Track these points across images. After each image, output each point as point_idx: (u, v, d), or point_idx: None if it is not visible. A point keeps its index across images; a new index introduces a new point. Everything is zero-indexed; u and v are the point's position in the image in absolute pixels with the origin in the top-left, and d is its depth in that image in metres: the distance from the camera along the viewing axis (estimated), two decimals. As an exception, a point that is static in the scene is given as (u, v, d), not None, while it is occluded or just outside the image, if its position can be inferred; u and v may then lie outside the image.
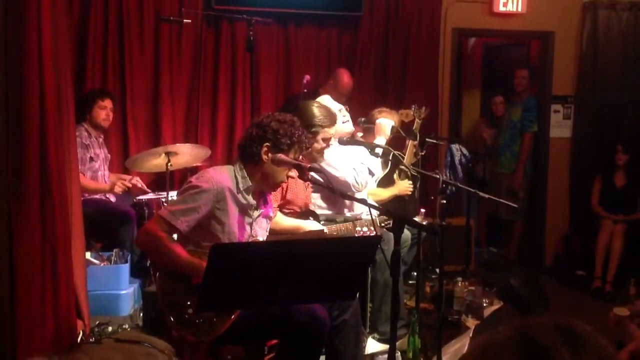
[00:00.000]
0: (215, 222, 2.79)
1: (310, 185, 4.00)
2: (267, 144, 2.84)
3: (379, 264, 4.04)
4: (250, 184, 2.88)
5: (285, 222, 3.43)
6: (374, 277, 4.12)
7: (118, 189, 4.73)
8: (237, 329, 2.71)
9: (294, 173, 2.97)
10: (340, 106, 4.19)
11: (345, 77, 5.49)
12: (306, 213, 3.67)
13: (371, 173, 4.15)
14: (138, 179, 5.04)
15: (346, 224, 3.72)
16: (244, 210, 2.89)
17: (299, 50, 5.91)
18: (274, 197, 3.35)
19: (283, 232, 3.36)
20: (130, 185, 4.84)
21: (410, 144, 4.66)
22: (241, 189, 2.86)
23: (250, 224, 2.93)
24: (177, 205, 2.76)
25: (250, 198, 2.90)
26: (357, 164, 4.08)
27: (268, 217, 3.10)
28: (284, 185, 3.38)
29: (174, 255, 2.69)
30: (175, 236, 2.80)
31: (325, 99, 4.20)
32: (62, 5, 3.34)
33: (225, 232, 2.81)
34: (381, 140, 4.34)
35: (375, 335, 4.20)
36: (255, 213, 2.96)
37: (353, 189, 3.99)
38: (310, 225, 3.44)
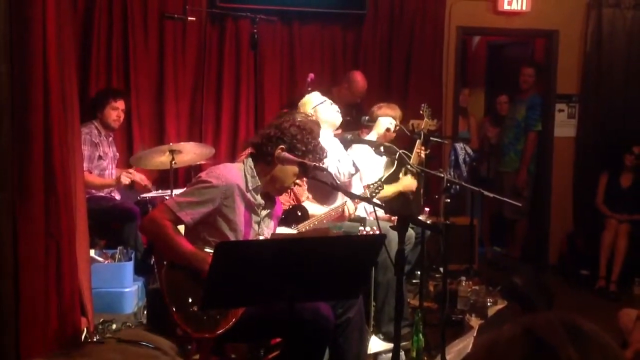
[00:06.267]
0: (221, 218, 2.80)
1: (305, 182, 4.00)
2: (282, 146, 2.85)
3: (381, 265, 4.03)
4: (259, 183, 2.89)
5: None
6: (376, 279, 4.11)
7: (124, 180, 4.71)
8: (241, 327, 2.71)
9: (300, 182, 2.99)
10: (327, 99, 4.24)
11: (360, 80, 5.52)
12: (295, 208, 3.67)
13: (355, 166, 4.11)
14: (143, 177, 5.05)
15: (318, 216, 3.70)
16: (252, 209, 2.90)
17: (303, 48, 5.91)
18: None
19: None
20: (135, 179, 4.85)
21: (418, 143, 4.65)
22: (250, 187, 2.87)
23: (258, 223, 2.94)
24: (184, 197, 2.79)
25: (258, 197, 2.91)
26: (342, 155, 4.06)
27: (276, 217, 3.11)
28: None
29: (177, 244, 2.70)
30: (183, 231, 2.81)
31: (314, 97, 4.23)
32: (67, 2, 3.35)
33: (231, 229, 2.82)
34: (372, 135, 4.35)
35: (380, 335, 4.20)
36: (263, 212, 2.96)
37: (335, 179, 3.97)
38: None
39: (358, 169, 4.13)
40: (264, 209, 2.98)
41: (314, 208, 3.84)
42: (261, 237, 2.96)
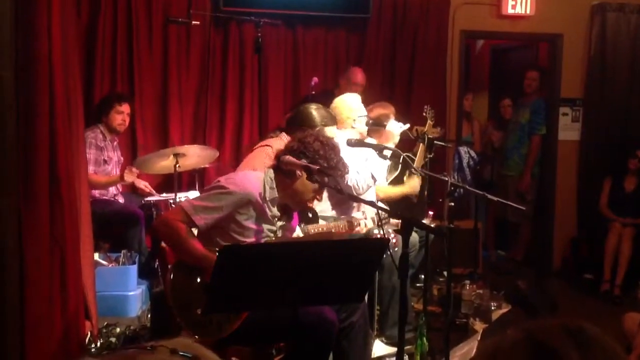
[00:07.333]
0: (235, 225, 2.81)
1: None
2: (304, 160, 2.85)
3: (386, 269, 4.03)
4: (277, 195, 2.90)
5: None
6: (381, 282, 4.11)
7: (127, 178, 4.70)
8: (245, 331, 2.72)
9: (319, 196, 2.99)
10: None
11: (357, 71, 5.46)
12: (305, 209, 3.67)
13: (374, 178, 4.13)
14: (146, 183, 5.07)
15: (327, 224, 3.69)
16: (267, 219, 2.90)
17: (307, 52, 5.91)
18: None
19: None
20: (140, 186, 4.86)
21: (421, 146, 4.65)
22: (267, 198, 2.87)
23: (274, 232, 2.95)
24: (200, 202, 2.81)
25: (274, 209, 2.91)
26: (360, 167, 4.07)
27: (290, 232, 3.11)
28: None
29: (190, 246, 2.72)
30: (195, 233, 2.82)
31: (351, 97, 4.26)
32: (71, 8, 3.37)
33: (244, 236, 2.83)
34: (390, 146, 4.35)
35: (383, 339, 4.20)
36: (279, 223, 2.97)
37: (354, 192, 3.98)
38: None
39: (376, 179, 4.15)
40: (280, 221, 2.98)
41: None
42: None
